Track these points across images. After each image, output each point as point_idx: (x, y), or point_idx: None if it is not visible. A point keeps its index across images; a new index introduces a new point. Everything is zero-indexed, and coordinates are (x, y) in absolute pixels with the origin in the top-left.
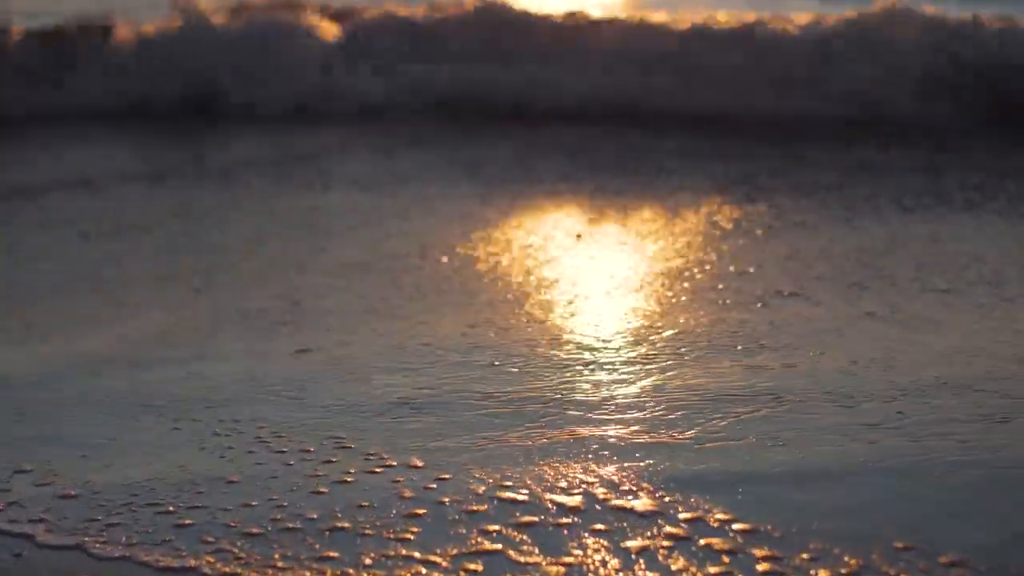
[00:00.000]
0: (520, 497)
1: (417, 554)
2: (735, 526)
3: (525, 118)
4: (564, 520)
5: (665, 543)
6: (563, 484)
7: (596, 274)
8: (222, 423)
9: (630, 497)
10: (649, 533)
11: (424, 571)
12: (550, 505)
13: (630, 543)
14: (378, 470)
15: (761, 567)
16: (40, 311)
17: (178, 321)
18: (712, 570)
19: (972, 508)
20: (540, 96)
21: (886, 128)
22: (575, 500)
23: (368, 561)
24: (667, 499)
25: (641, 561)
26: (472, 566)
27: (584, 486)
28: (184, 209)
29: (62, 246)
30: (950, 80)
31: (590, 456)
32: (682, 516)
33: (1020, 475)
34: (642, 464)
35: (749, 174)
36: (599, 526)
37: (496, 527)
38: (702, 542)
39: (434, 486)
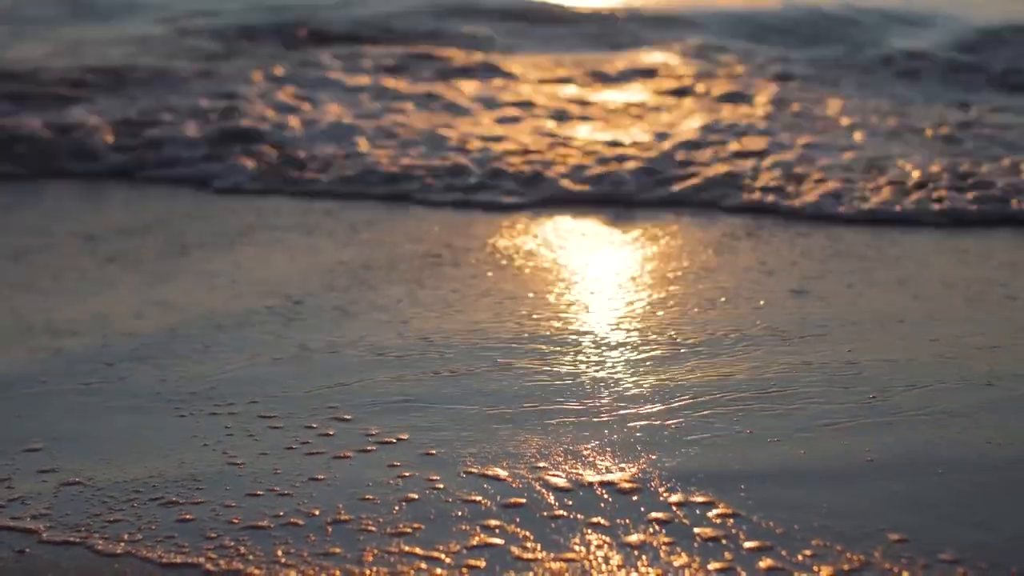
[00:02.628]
0: (521, 494)
1: (419, 550)
2: (737, 523)
3: None
4: (566, 515)
5: (667, 539)
6: (564, 480)
7: (598, 271)
8: (223, 418)
9: (630, 493)
10: (650, 529)
11: (425, 567)
12: (552, 500)
13: (630, 538)
14: (379, 465)
15: (763, 563)
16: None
17: (178, 317)
18: (714, 566)
19: (973, 506)
20: None
21: None
22: (576, 497)
23: (370, 558)
24: (668, 495)
25: (642, 557)
26: (473, 561)
27: (585, 482)
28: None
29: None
30: None
31: (591, 453)
32: (683, 512)
33: (1020, 474)
34: (643, 460)
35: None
36: (598, 520)
37: (497, 522)
38: (704, 538)
39: (435, 477)
